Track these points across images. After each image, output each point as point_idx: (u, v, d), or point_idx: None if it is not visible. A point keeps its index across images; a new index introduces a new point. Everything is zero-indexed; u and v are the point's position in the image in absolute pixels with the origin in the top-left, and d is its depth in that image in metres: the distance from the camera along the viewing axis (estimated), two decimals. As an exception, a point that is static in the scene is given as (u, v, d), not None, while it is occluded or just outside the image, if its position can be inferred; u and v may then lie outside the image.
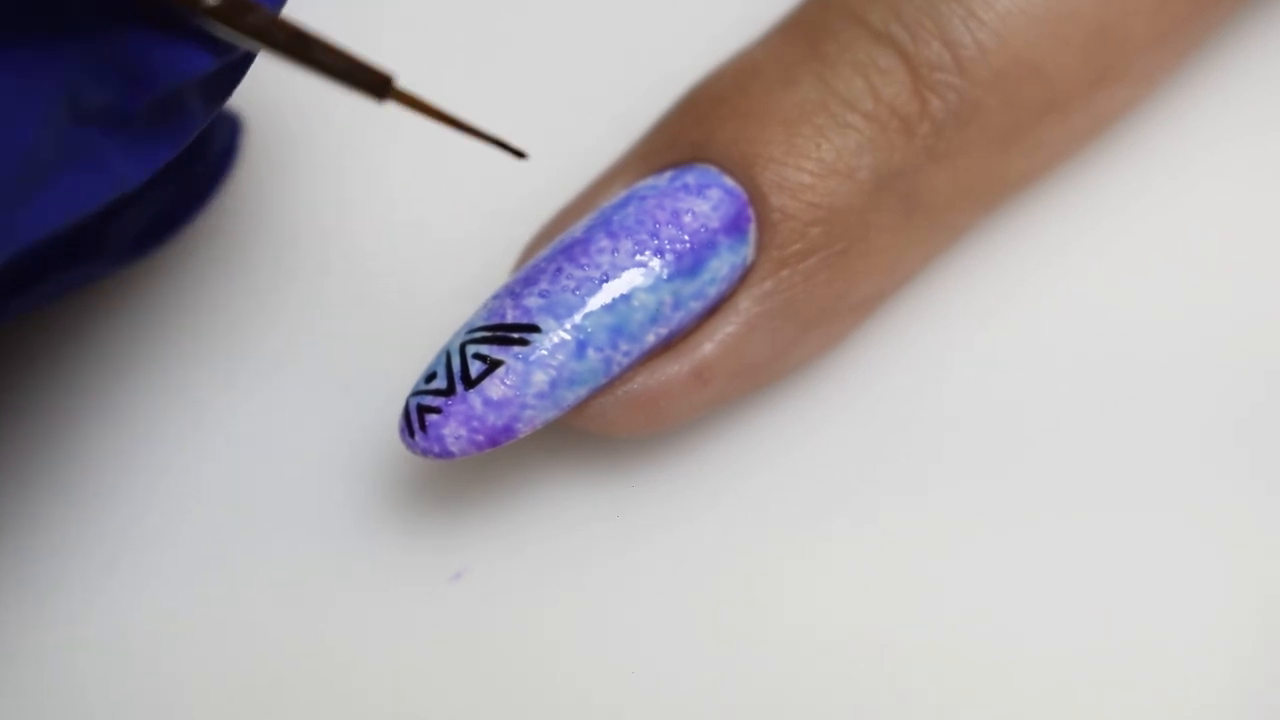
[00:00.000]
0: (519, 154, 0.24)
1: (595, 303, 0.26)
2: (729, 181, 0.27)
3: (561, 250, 0.27)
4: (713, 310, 0.27)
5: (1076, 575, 0.28)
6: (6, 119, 0.20)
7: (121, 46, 0.21)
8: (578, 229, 0.27)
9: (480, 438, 0.26)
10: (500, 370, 0.26)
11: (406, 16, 0.32)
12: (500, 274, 0.29)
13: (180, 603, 0.28)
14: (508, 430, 0.26)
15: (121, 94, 0.21)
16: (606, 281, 0.26)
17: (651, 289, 0.26)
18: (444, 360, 0.26)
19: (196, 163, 0.27)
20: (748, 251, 0.27)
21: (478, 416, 0.26)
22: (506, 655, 0.28)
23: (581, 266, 0.26)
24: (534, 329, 0.26)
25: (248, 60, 0.23)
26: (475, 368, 0.26)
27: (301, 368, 0.30)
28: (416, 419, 0.26)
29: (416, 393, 0.26)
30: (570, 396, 0.26)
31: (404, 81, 0.23)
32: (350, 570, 0.28)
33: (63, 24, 0.20)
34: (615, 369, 0.26)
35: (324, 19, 0.31)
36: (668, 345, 0.27)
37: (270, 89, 0.32)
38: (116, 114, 0.21)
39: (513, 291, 0.26)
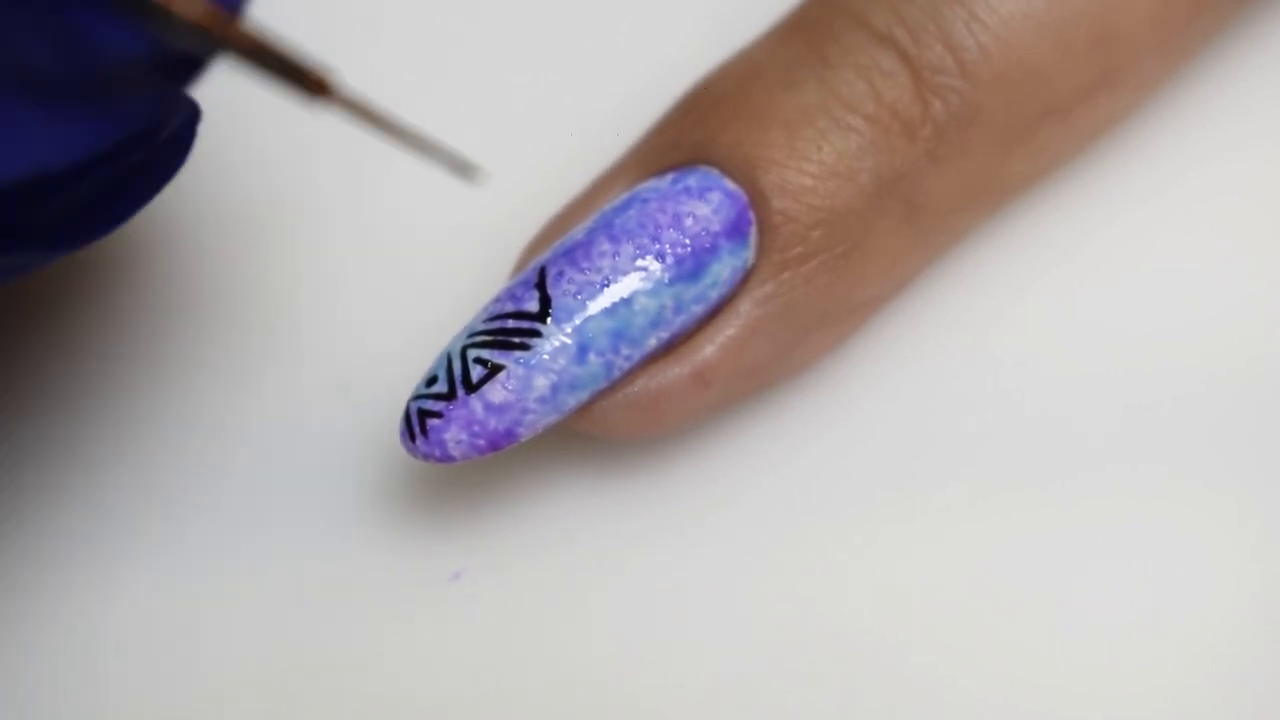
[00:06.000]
0: (471, 172, 0.22)
1: (596, 306, 0.26)
2: (730, 184, 0.27)
3: (563, 253, 0.26)
4: (714, 313, 0.27)
5: (1084, 574, 0.28)
6: None
7: (58, 7, 0.19)
8: (579, 232, 0.27)
9: (481, 442, 0.26)
10: (501, 374, 0.26)
11: (406, 17, 0.32)
12: (500, 277, 0.29)
13: (179, 603, 0.28)
14: (509, 434, 0.26)
15: (50, 57, 0.18)
16: (608, 285, 0.26)
17: (653, 293, 0.26)
18: (445, 364, 0.26)
19: (138, 149, 0.23)
20: (749, 254, 0.27)
21: (478, 421, 0.26)
22: (505, 655, 0.28)
23: (583, 270, 0.26)
24: (535, 333, 0.26)
25: (192, 66, 0.21)
26: (476, 372, 0.26)
27: (301, 370, 0.30)
28: (417, 423, 0.26)
29: (417, 396, 0.26)
30: (571, 400, 0.26)
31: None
32: (350, 571, 0.28)
33: None
34: (616, 373, 0.26)
35: (338, 14, 0.31)
36: (668, 348, 0.27)
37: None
38: (40, 79, 0.19)
39: (513, 295, 0.26)
